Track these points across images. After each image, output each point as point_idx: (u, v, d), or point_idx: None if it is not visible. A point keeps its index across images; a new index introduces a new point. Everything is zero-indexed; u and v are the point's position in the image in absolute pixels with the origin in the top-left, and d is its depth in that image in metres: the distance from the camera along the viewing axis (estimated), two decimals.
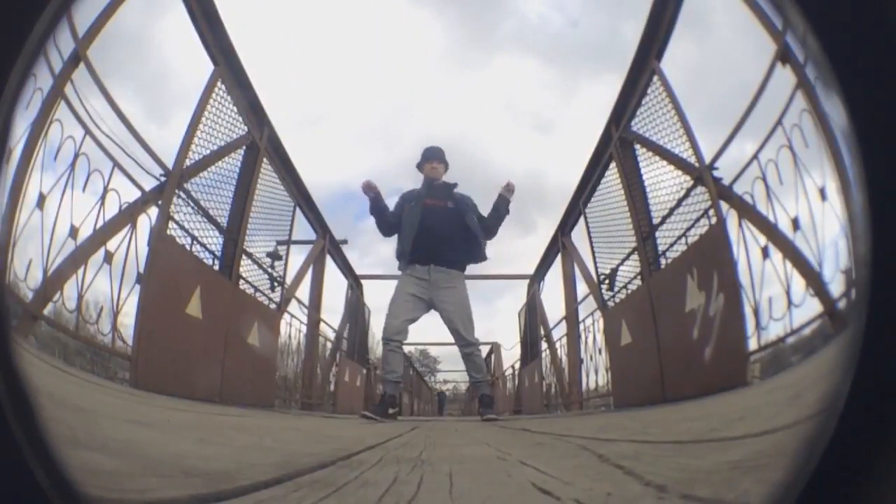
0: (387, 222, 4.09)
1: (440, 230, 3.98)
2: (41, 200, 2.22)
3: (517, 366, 8.60)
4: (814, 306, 2.02)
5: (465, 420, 5.77)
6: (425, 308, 3.99)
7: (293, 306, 5.58)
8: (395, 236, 4.17)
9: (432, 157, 4.18)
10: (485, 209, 4.18)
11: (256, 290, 4.48)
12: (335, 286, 8.38)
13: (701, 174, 3.12)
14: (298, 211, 5.51)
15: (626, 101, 4.15)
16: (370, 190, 3.99)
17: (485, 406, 3.99)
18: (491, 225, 4.13)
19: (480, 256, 4.11)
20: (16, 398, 0.43)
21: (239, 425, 2.19)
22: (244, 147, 4.14)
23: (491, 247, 4.39)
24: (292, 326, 5.62)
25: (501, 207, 4.12)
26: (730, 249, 2.67)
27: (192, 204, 3.46)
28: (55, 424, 0.47)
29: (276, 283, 4.87)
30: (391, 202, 4.18)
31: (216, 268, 3.79)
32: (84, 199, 2.52)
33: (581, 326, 6.03)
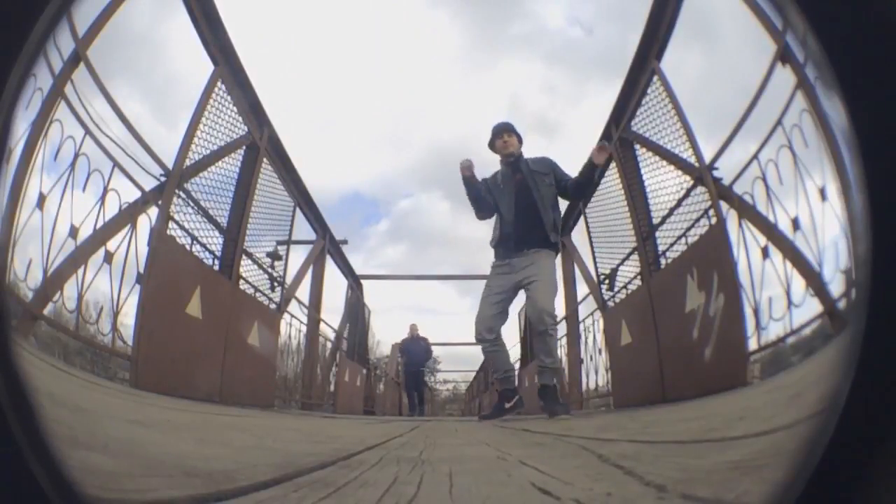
0: (484, 205, 3.72)
1: (530, 209, 3.62)
2: (41, 200, 2.22)
3: (517, 366, 8.59)
4: (814, 306, 2.02)
5: (465, 420, 5.77)
6: (512, 295, 3.71)
7: (293, 306, 5.60)
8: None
9: (502, 131, 3.82)
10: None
11: (256, 290, 4.48)
12: (335, 286, 8.38)
13: (701, 174, 3.12)
14: (298, 211, 5.52)
15: (627, 101, 4.15)
16: (467, 170, 3.59)
17: (549, 401, 3.41)
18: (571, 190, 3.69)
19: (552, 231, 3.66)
20: (16, 398, 0.43)
21: (239, 425, 2.19)
22: (244, 147, 4.14)
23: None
24: (292, 326, 5.64)
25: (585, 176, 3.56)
26: (730, 249, 2.67)
27: (192, 204, 3.46)
28: (55, 424, 0.47)
29: (276, 283, 4.88)
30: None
31: (216, 268, 3.79)
32: (84, 199, 2.53)
33: (581, 326, 6.04)
